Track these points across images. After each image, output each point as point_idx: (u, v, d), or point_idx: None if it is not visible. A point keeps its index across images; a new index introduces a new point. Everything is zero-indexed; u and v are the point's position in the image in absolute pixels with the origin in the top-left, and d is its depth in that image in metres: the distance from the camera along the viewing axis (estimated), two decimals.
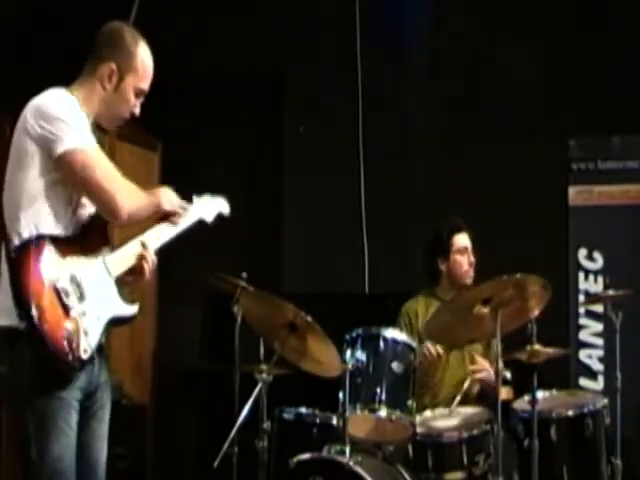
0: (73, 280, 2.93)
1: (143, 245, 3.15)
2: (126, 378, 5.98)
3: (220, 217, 3.52)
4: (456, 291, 4.71)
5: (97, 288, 3.00)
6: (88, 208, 3.09)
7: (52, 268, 2.89)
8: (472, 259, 4.78)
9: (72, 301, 2.91)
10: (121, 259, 3.11)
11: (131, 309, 3.14)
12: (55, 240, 2.94)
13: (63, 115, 2.99)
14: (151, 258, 3.15)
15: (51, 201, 2.98)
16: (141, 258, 3.13)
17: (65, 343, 2.85)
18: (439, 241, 4.82)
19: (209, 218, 3.46)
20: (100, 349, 3.06)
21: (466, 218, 4.93)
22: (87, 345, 2.93)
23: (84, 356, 2.91)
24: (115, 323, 3.08)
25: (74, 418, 2.95)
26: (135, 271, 3.14)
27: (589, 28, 5.93)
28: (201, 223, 3.42)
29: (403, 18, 6.18)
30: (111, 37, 3.17)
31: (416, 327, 4.70)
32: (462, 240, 4.79)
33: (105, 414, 3.13)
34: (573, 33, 5.97)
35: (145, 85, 3.20)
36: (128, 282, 3.15)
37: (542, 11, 6.03)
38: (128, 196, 3.05)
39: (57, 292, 2.88)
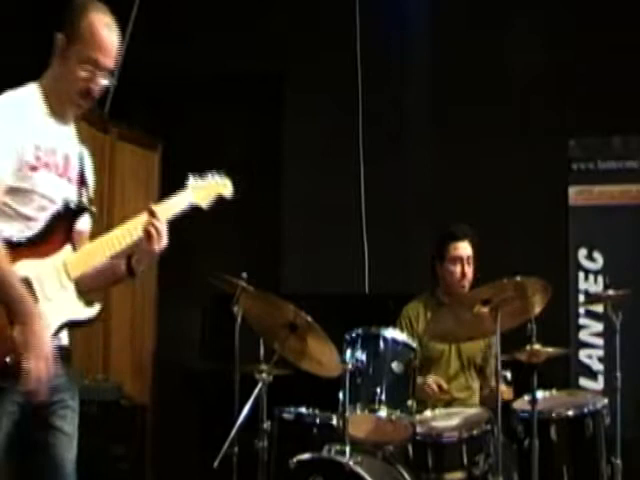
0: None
1: (151, 213, 3.00)
2: (126, 378, 5.98)
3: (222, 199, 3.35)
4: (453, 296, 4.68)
5: (51, 291, 2.89)
6: (49, 209, 2.95)
7: None
8: (467, 270, 4.65)
9: None
10: (88, 253, 2.96)
11: (89, 311, 3.00)
12: (8, 243, 2.81)
13: None
14: (160, 225, 3.00)
15: (6, 205, 2.86)
16: (148, 225, 2.98)
17: (7, 351, 2.74)
18: (437, 246, 4.79)
19: (204, 204, 3.29)
20: (59, 350, 2.95)
21: (466, 218, 4.92)
22: None
23: None
24: (71, 326, 2.98)
25: (9, 410, 2.84)
26: (146, 240, 2.99)
27: (589, 28, 5.93)
28: (196, 208, 3.26)
29: (403, 18, 6.18)
30: (67, 10, 2.98)
31: (416, 330, 4.67)
32: (457, 250, 4.67)
33: (69, 414, 3.03)
34: (573, 33, 5.97)
35: (96, 54, 2.90)
36: (144, 253, 3.01)
37: (543, 11, 6.04)
38: None
39: None
